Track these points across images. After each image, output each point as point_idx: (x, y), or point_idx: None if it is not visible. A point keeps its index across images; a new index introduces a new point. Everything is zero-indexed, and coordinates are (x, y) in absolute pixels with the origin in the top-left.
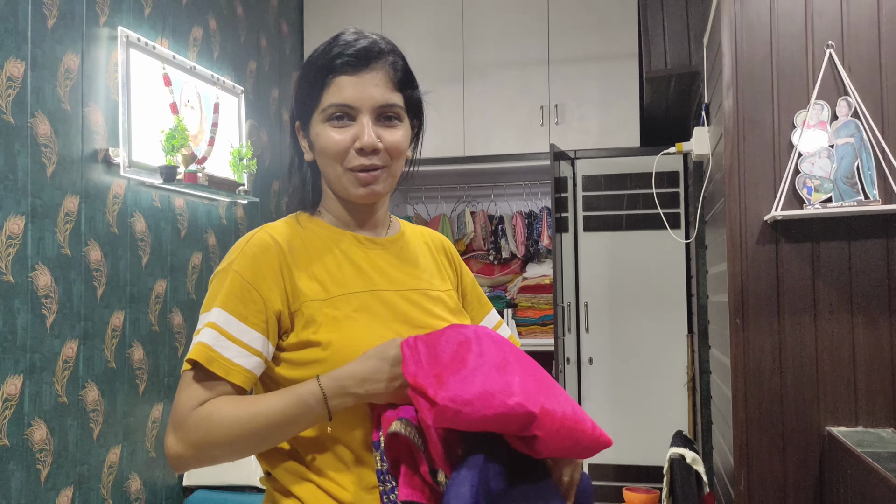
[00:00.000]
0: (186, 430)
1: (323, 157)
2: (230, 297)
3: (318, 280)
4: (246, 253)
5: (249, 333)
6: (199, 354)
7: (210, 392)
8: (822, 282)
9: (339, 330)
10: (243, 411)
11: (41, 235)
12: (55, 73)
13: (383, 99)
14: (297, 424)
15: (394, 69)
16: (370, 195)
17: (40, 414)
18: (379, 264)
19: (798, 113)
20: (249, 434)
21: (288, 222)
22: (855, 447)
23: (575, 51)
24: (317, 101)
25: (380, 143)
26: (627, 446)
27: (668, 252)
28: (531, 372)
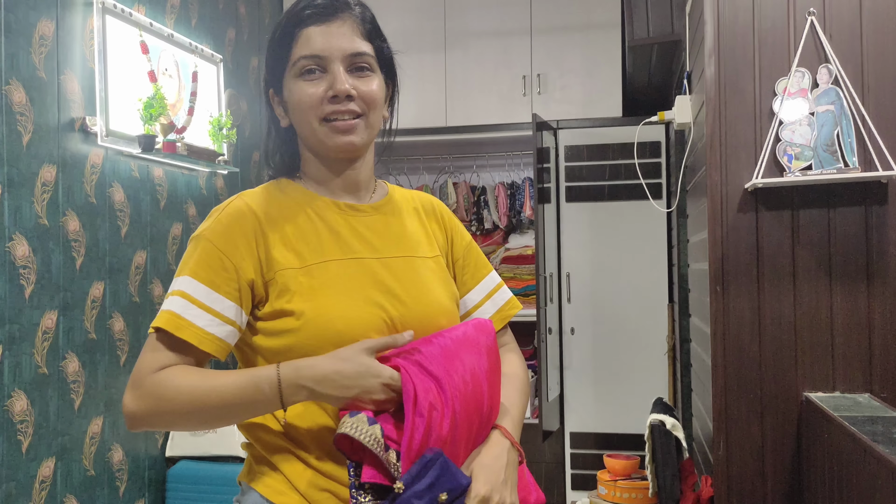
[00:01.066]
0: (143, 390)
1: (297, 112)
2: (201, 265)
3: (294, 248)
4: (220, 221)
5: (221, 301)
6: (167, 322)
7: (176, 357)
8: (801, 249)
9: (314, 299)
10: (199, 384)
11: (18, 205)
12: (29, 40)
13: (352, 47)
14: (251, 408)
15: (362, 19)
16: (348, 146)
17: (20, 385)
18: (360, 230)
19: (779, 80)
20: (202, 408)
21: (267, 188)
22: (832, 411)
23: (557, 20)
24: (286, 57)
25: (353, 90)
26: (608, 415)
27: (649, 222)
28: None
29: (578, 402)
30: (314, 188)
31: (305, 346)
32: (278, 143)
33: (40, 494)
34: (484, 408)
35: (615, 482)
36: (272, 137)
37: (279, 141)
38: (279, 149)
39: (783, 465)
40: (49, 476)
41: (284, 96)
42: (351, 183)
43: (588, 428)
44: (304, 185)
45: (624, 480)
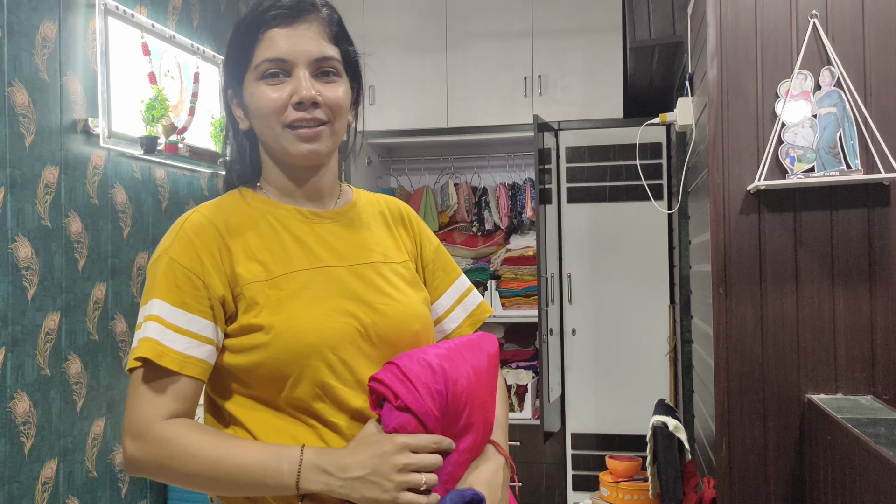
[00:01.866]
0: (149, 443)
1: (259, 117)
2: (169, 287)
3: (260, 260)
4: (181, 237)
5: (197, 322)
6: (149, 350)
7: (170, 395)
8: (803, 251)
9: (282, 312)
10: (213, 449)
11: (20, 206)
12: (32, 42)
13: (319, 51)
14: (261, 485)
15: (329, 22)
16: (312, 154)
17: (23, 386)
18: (326, 239)
19: (781, 83)
20: (210, 476)
21: (227, 199)
22: (835, 413)
23: (559, 21)
24: (248, 58)
25: (319, 96)
26: (609, 416)
27: (650, 223)
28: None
29: (579, 403)
30: (276, 196)
31: (276, 361)
32: (237, 147)
33: (43, 496)
34: (489, 423)
35: (617, 483)
36: (231, 142)
37: (238, 145)
38: (239, 154)
39: (786, 467)
40: (51, 477)
41: (245, 99)
42: (315, 191)
43: (589, 429)
44: (265, 193)
45: (626, 482)
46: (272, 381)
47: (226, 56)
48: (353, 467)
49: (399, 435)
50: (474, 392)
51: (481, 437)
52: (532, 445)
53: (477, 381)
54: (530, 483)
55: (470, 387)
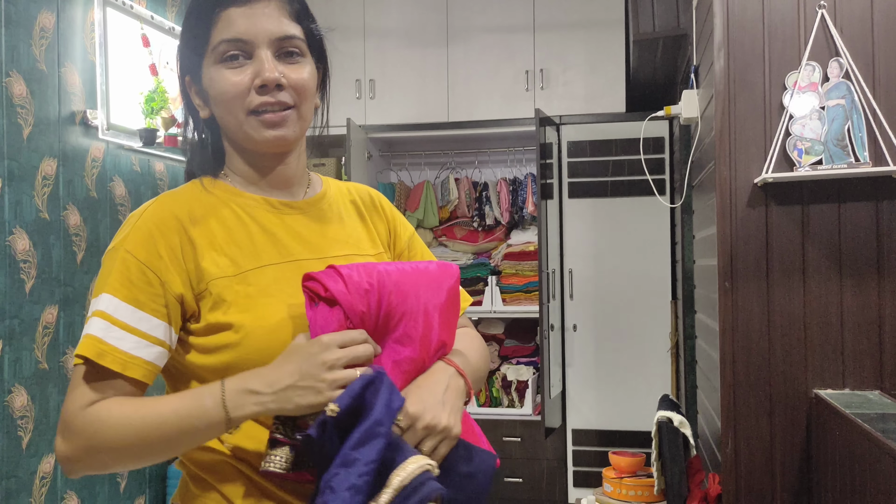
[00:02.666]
0: (73, 432)
1: (220, 104)
2: (122, 281)
3: (227, 253)
4: (139, 228)
5: (148, 321)
6: (88, 349)
7: (102, 391)
8: (811, 244)
9: (253, 309)
10: (133, 413)
11: (18, 199)
12: (30, 32)
13: (280, 30)
14: (194, 431)
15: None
16: (278, 140)
17: (20, 380)
18: (296, 230)
19: (789, 74)
20: (140, 439)
21: (189, 189)
22: (843, 408)
23: (561, 14)
24: (205, 41)
25: (283, 78)
26: (610, 412)
27: (652, 219)
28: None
29: (581, 399)
30: (242, 186)
31: (248, 361)
32: (198, 136)
33: (41, 490)
34: (433, 341)
35: (621, 479)
36: (191, 130)
37: (199, 134)
38: (199, 144)
39: (792, 463)
40: (49, 472)
41: (204, 84)
42: (281, 179)
43: (590, 425)
44: (230, 182)
45: (630, 478)
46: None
47: (180, 40)
48: (281, 378)
49: (324, 335)
50: (417, 302)
51: (426, 355)
52: (533, 442)
53: (422, 291)
54: (531, 479)
55: (410, 295)
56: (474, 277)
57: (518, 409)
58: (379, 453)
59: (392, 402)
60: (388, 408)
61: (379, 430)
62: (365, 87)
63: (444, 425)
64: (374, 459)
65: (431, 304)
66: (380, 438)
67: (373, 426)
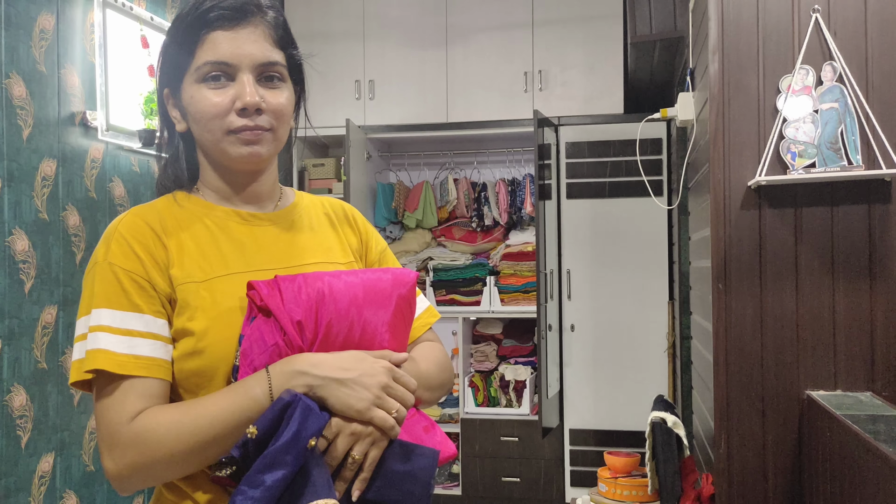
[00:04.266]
0: (121, 448)
1: (199, 122)
2: (115, 294)
3: (196, 262)
4: (118, 241)
5: (154, 322)
6: (105, 362)
7: (137, 401)
8: (804, 247)
9: (218, 318)
10: (182, 416)
11: (18, 199)
12: (30, 33)
13: (264, 56)
14: (248, 421)
15: (274, 25)
16: (252, 156)
17: (20, 380)
18: (265, 241)
19: (783, 78)
20: (193, 442)
21: (161, 202)
22: (834, 410)
23: (559, 16)
24: (188, 60)
25: (263, 102)
26: (608, 411)
27: (650, 219)
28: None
29: (578, 399)
30: (214, 199)
31: (212, 369)
32: (174, 149)
33: (39, 490)
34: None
35: (616, 479)
36: (166, 142)
37: (174, 147)
38: (174, 156)
39: (785, 463)
40: (48, 471)
41: (183, 100)
42: (254, 195)
43: (587, 425)
44: (202, 196)
45: (625, 478)
46: (205, 389)
47: (162, 54)
48: (329, 368)
49: (396, 369)
50: (358, 313)
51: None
52: (530, 441)
53: (366, 301)
54: (528, 478)
55: (352, 306)
56: (473, 278)
57: (516, 409)
58: (281, 481)
59: (305, 428)
60: (298, 435)
61: (284, 458)
62: (364, 87)
63: (372, 430)
64: (275, 484)
65: (376, 314)
66: (283, 468)
67: (277, 453)
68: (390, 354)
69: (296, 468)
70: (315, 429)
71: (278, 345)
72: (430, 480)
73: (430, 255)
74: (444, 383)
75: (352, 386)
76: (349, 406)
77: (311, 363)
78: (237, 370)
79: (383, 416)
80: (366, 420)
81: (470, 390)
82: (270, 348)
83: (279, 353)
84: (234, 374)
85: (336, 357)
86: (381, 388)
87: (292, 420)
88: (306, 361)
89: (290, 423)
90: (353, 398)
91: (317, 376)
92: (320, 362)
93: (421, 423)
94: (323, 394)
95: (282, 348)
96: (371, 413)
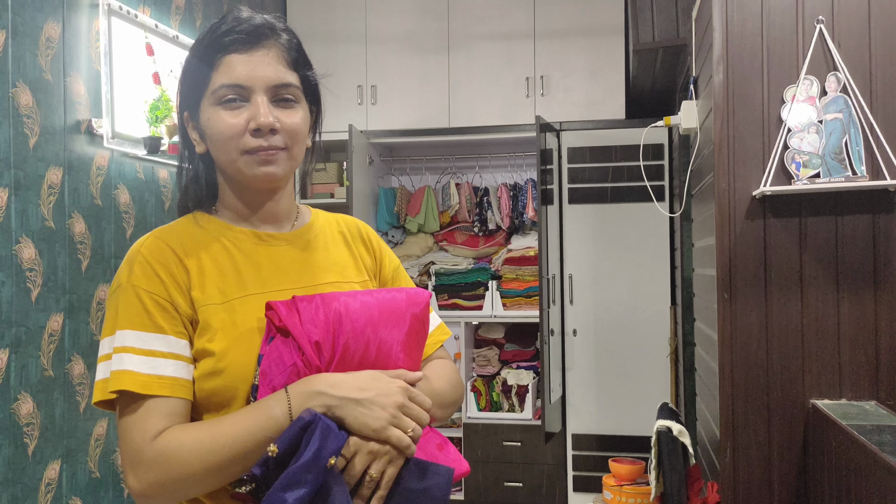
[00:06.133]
0: (145, 466)
1: (216, 142)
2: (139, 315)
3: (215, 283)
4: (140, 264)
5: (177, 343)
6: (129, 383)
7: (160, 420)
8: (808, 257)
9: (237, 338)
10: (204, 435)
11: (24, 208)
12: (36, 42)
13: (277, 78)
14: (267, 440)
15: (288, 47)
16: (268, 176)
17: (26, 388)
18: (282, 262)
19: (787, 88)
20: (214, 460)
21: (181, 223)
22: (839, 419)
23: (561, 22)
24: (205, 83)
25: (277, 122)
26: (610, 417)
27: (651, 225)
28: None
29: (580, 404)
30: (232, 220)
31: (232, 389)
32: (193, 170)
33: (46, 497)
34: (404, 364)
35: (620, 487)
36: (187, 163)
37: (194, 168)
38: (194, 177)
39: (789, 472)
40: (55, 478)
41: (201, 122)
42: (271, 214)
43: (590, 430)
44: (220, 217)
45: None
46: (224, 409)
47: (181, 78)
48: (346, 388)
49: (400, 380)
50: (374, 333)
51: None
52: (533, 446)
53: (382, 321)
54: (531, 483)
55: (368, 326)
56: (475, 282)
57: (518, 414)
58: (303, 499)
59: (325, 447)
60: (318, 454)
61: (305, 476)
62: (367, 92)
63: (388, 448)
64: (297, 502)
65: (391, 334)
66: (304, 487)
67: (298, 472)
68: (405, 374)
69: (316, 486)
70: (334, 448)
71: (297, 365)
72: (445, 498)
73: (433, 259)
74: (455, 401)
75: (369, 406)
76: (366, 425)
77: (328, 383)
78: (256, 389)
79: (400, 436)
80: (383, 439)
81: (472, 395)
82: (289, 368)
83: (297, 373)
84: (253, 394)
85: (353, 377)
86: (397, 407)
87: (313, 439)
88: (324, 382)
89: (310, 443)
90: (371, 418)
91: (335, 396)
92: (338, 383)
93: (434, 440)
94: (341, 413)
95: (300, 368)
96: (388, 432)
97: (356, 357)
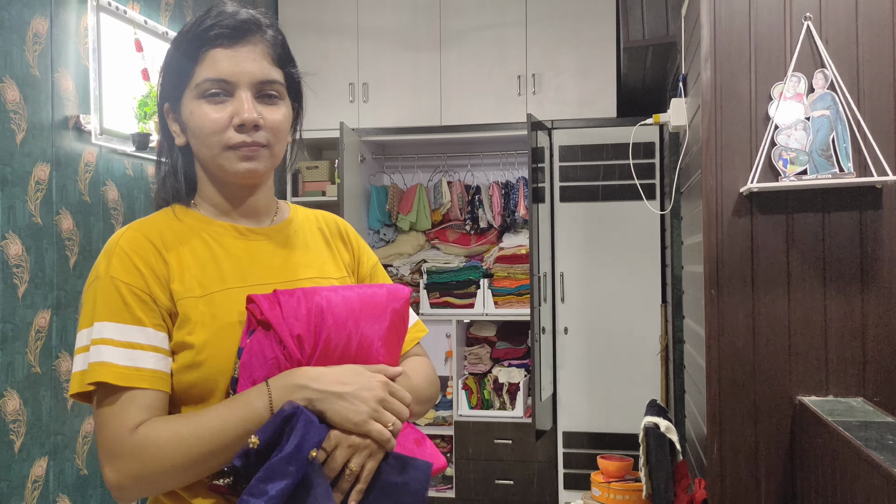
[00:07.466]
0: (122, 458)
1: (198, 136)
2: (117, 307)
3: (195, 276)
4: (119, 256)
5: (155, 335)
6: (108, 375)
7: (138, 412)
8: (795, 253)
9: (216, 331)
10: (183, 427)
11: (11, 204)
12: (23, 37)
13: (262, 74)
14: (247, 433)
15: (273, 43)
16: (249, 172)
17: (13, 384)
18: (261, 256)
19: (775, 85)
20: (193, 453)
21: (160, 216)
22: (826, 416)
23: (553, 20)
24: (188, 76)
25: (261, 119)
26: (601, 414)
27: (642, 223)
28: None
29: (571, 402)
30: (212, 214)
31: (210, 382)
32: (172, 163)
33: (33, 494)
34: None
35: (609, 484)
36: (166, 156)
37: (173, 161)
38: (173, 169)
39: (777, 469)
40: (41, 475)
41: (183, 115)
42: (251, 209)
43: (581, 427)
44: (199, 210)
45: (618, 482)
46: (203, 402)
47: (163, 69)
48: (328, 382)
49: (391, 383)
50: (356, 327)
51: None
52: (523, 444)
53: (363, 316)
54: (522, 481)
55: (349, 321)
56: (466, 280)
57: (509, 412)
58: (284, 491)
59: (307, 439)
60: (300, 447)
61: (287, 468)
62: (358, 90)
63: (369, 442)
64: (278, 494)
65: (372, 328)
66: (286, 478)
67: (280, 463)
68: (386, 369)
69: (297, 479)
70: (316, 440)
71: (278, 358)
72: (423, 492)
73: (424, 257)
74: (431, 397)
75: (350, 399)
76: (347, 419)
77: (310, 377)
78: (236, 382)
79: (380, 429)
80: (363, 433)
81: (464, 393)
82: (270, 361)
83: (279, 367)
84: (232, 387)
85: (334, 371)
86: (377, 401)
87: (295, 431)
88: (306, 375)
89: (292, 435)
90: (351, 411)
91: (316, 390)
92: (319, 376)
93: (412, 436)
94: (322, 407)
95: (281, 362)
96: (368, 426)
97: (337, 351)
